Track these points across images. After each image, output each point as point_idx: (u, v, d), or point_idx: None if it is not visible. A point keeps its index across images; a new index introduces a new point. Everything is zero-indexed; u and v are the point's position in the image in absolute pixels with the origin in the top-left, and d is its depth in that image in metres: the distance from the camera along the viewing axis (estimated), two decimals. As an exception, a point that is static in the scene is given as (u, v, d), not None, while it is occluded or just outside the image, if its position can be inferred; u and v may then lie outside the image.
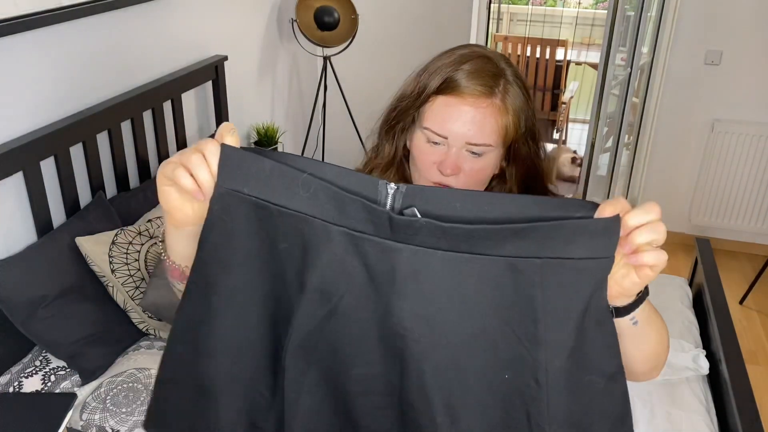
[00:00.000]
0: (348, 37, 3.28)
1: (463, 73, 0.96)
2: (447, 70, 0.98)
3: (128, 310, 1.93)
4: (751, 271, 3.45)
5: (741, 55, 3.27)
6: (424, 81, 1.01)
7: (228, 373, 0.80)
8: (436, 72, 0.99)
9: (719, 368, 1.76)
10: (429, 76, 1.00)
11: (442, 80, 0.97)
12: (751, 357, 2.83)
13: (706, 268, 2.10)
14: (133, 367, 1.82)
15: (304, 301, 0.74)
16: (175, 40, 2.51)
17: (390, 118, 1.09)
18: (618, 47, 2.99)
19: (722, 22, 3.23)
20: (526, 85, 1.01)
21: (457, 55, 0.99)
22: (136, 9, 2.26)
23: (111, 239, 1.94)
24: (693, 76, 3.36)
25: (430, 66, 1.02)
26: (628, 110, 3.42)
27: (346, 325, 0.75)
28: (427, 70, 1.02)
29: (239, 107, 3.08)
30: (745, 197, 3.47)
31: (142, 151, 2.34)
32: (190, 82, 2.54)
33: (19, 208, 1.90)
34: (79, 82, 2.08)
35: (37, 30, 1.88)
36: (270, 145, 3.18)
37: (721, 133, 3.37)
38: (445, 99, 0.97)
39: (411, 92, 1.03)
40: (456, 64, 0.98)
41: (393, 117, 1.08)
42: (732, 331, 1.80)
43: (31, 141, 1.84)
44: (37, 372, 1.81)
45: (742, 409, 1.52)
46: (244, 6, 3.00)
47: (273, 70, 3.36)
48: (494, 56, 1.01)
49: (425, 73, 1.02)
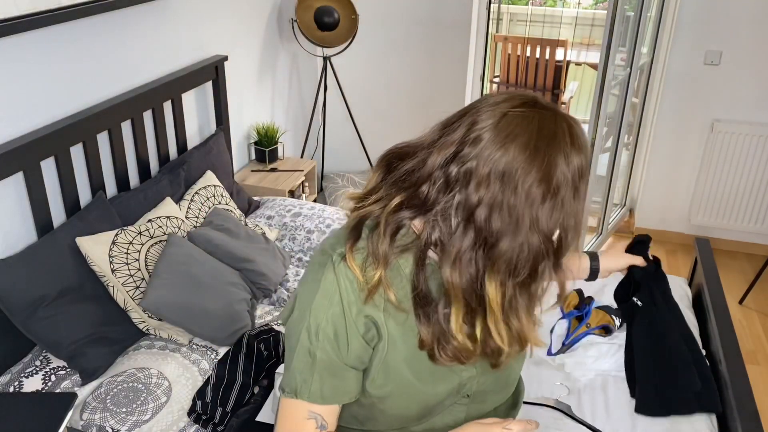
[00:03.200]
0: (348, 37, 3.28)
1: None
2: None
3: (128, 310, 1.93)
4: (751, 271, 3.45)
5: (741, 55, 3.27)
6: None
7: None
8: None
9: (719, 368, 1.76)
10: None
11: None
12: (751, 357, 2.83)
13: (706, 268, 2.10)
14: (134, 366, 1.82)
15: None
16: (175, 40, 2.52)
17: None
18: (618, 47, 2.99)
19: (722, 22, 3.23)
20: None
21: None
22: (136, 9, 2.27)
23: (111, 239, 1.95)
24: (693, 76, 3.36)
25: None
26: (628, 110, 3.42)
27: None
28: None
29: (239, 107, 3.08)
30: (744, 197, 3.47)
31: (142, 151, 2.34)
32: (190, 82, 2.54)
33: (19, 208, 1.90)
34: (79, 82, 2.08)
35: (37, 30, 1.88)
36: (270, 145, 3.18)
37: (720, 133, 3.38)
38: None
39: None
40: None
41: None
42: (731, 331, 1.80)
43: (31, 141, 1.84)
44: (37, 372, 1.81)
45: (741, 409, 1.52)
46: (244, 6, 3.00)
47: (273, 70, 3.37)
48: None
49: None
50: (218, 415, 1.68)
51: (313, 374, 1.02)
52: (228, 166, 2.72)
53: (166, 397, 1.74)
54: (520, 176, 0.89)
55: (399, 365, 1.04)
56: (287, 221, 2.58)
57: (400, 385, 1.05)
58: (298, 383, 1.03)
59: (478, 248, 0.92)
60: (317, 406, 1.03)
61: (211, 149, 2.60)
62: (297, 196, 3.21)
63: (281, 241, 2.51)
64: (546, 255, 0.93)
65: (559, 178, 0.90)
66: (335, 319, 0.99)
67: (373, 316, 1.00)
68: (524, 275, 0.93)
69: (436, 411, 1.13)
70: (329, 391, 1.03)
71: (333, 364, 1.02)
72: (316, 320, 1.00)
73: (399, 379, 1.05)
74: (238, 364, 1.80)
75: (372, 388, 1.06)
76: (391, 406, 1.08)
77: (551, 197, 0.90)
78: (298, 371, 1.03)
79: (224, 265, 2.13)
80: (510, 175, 0.89)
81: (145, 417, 1.67)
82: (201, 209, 2.36)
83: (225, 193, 2.50)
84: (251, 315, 2.07)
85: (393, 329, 1.02)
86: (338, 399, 1.05)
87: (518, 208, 0.89)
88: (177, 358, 1.87)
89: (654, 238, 3.67)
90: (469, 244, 0.92)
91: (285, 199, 2.78)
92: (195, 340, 1.97)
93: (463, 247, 0.92)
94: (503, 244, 0.90)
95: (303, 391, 1.02)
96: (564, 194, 0.91)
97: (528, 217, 0.90)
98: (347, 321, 1.00)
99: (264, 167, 3.19)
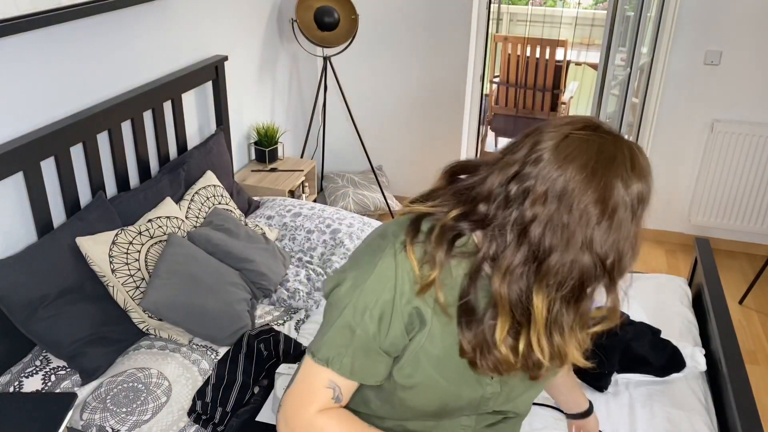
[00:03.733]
0: (348, 37, 3.28)
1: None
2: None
3: (128, 309, 1.93)
4: (751, 271, 3.45)
5: (740, 55, 3.27)
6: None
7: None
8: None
9: (719, 368, 1.76)
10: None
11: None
12: (751, 357, 2.83)
13: (706, 268, 2.10)
14: (134, 366, 1.82)
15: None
16: (175, 40, 2.52)
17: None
18: (618, 47, 2.99)
19: (722, 22, 3.23)
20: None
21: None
22: (136, 9, 2.27)
23: (111, 239, 1.95)
24: (692, 76, 3.36)
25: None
26: (628, 110, 3.42)
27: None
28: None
29: (239, 107, 3.08)
30: (744, 197, 3.47)
31: (142, 151, 2.35)
32: (190, 82, 2.54)
33: (20, 208, 1.90)
34: (79, 82, 2.08)
35: (37, 30, 1.88)
36: (270, 145, 3.18)
37: (720, 133, 3.38)
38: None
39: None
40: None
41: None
42: (731, 331, 1.80)
43: (31, 141, 1.84)
44: (37, 372, 1.81)
45: (741, 408, 1.52)
46: (244, 6, 3.00)
47: (273, 70, 3.37)
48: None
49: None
50: (218, 415, 1.68)
51: (348, 349, 1.05)
52: (228, 166, 2.72)
53: (166, 397, 1.74)
54: (576, 196, 0.91)
55: (431, 360, 1.07)
56: (287, 221, 2.58)
57: (427, 379, 1.08)
58: (331, 354, 1.06)
59: (530, 263, 0.95)
60: (341, 379, 1.07)
61: (211, 149, 2.60)
62: (297, 196, 3.21)
63: (281, 241, 2.51)
64: (596, 275, 0.95)
65: (616, 200, 0.92)
66: (384, 303, 1.03)
67: (421, 308, 1.04)
68: (570, 291, 0.95)
69: (452, 415, 1.16)
70: (359, 369, 1.07)
71: (369, 345, 1.05)
72: (365, 300, 1.03)
73: (427, 374, 1.08)
74: (238, 364, 1.81)
75: (399, 376, 1.09)
76: (412, 397, 1.11)
77: (607, 219, 0.92)
78: (334, 343, 1.06)
79: (224, 265, 2.13)
80: (566, 195, 0.92)
81: (145, 417, 1.67)
82: (201, 209, 2.36)
83: (225, 193, 2.50)
84: (251, 315, 2.07)
85: (435, 326, 1.05)
86: (365, 378, 1.08)
87: (571, 226, 0.92)
88: (177, 358, 1.87)
89: (654, 238, 3.69)
90: (521, 260, 0.95)
91: (285, 199, 2.78)
92: (195, 340, 1.97)
93: (515, 262, 0.95)
94: (552, 259, 0.93)
95: (335, 363, 1.06)
96: (621, 217, 0.93)
97: (581, 236, 0.92)
98: (395, 308, 1.03)
99: (264, 167, 3.19)
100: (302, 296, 2.22)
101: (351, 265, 1.09)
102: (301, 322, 2.13)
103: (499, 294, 0.96)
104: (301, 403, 1.08)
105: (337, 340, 1.06)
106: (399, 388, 1.10)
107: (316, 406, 1.07)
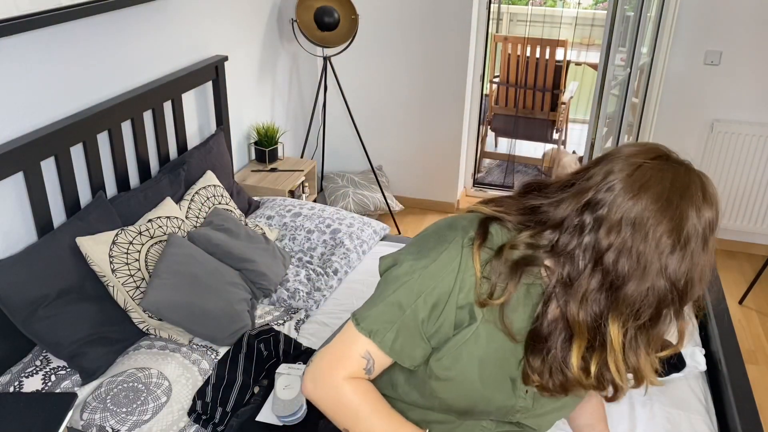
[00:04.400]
0: (348, 37, 3.28)
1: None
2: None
3: (129, 309, 1.93)
4: (751, 271, 3.45)
5: (740, 55, 3.27)
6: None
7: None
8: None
9: (719, 368, 1.76)
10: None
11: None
12: (751, 356, 2.83)
13: (706, 268, 2.10)
14: (134, 366, 1.82)
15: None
16: (175, 40, 2.52)
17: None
18: (617, 47, 2.99)
19: (722, 22, 3.23)
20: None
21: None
22: (136, 9, 2.27)
23: (111, 239, 1.95)
24: (692, 76, 3.37)
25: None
26: (628, 110, 3.42)
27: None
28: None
29: (239, 107, 3.08)
30: (744, 197, 3.48)
31: (142, 151, 2.35)
32: (190, 82, 2.54)
33: (20, 208, 1.90)
34: (79, 82, 2.08)
35: (37, 30, 1.88)
36: (270, 145, 3.18)
37: (720, 133, 3.38)
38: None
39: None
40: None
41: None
42: (731, 331, 1.80)
43: (31, 141, 1.84)
44: (37, 372, 1.81)
45: (741, 408, 1.52)
46: (244, 6, 3.01)
47: (273, 70, 3.37)
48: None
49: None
50: (218, 415, 1.68)
51: (393, 325, 1.08)
52: (228, 166, 2.72)
53: (166, 397, 1.74)
54: (651, 225, 0.94)
55: (472, 360, 1.08)
56: (287, 221, 2.58)
57: (463, 376, 1.10)
58: (376, 327, 1.09)
59: (605, 290, 0.97)
60: (379, 353, 1.09)
61: (211, 149, 2.60)
62: (297, 196, 3.21)
63: (281, 241, 2.51)
64: (671, 302, 0.97)
65: (690, 230, 0.95)
66: (441, 292, 1.05)
67: (474, 307, 1.06)
68: (646, 318, 0.98)
69: (478, 417, 1.18)
70: (399, 348, 1.09)
71: (415, 328, 1.07)
72: (423, 284, 1.05)
73: (464, 371, 1.09)
74: (238, 364, 1.81)
75: (436, 366, 1.11)
76: (445, 389, 1.12)
77: (681, 248, 0.95)
78: (381, 317, 1.08)
79: (224, 265, 2.13)
80: (641, 223, 0.94)
81: (145, 417, 1.67)
82: (201, 209, 2.36)
83: (225, 193, 2.50)
84: (251, 315, 2.07)
85: (483, 327, 1.07)
86: (402, 358, 1.10)
87: (647, 255, 0.94)
88: (177, 358, 1.87)
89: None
90: (596, 286, 0.97)
91: (285, 199, 2.78)
92: (195, 340, 1.97)
93: (590, 288, 0.97)
94: (629, 287, 0.95)
95: (377, 335, 1.09)
96: (694, 246, 0.95)
97: (656, 265, 0.95)
98: (450, 300, 1.05)
99: (264, 167, 3.19)
100: (302, 296, 2.22)
101: (413, 249, 1.10)
102: (301, 322, 2.13)
103: (576, 319, 0.99)
104: (334, 365, 1.11)
105: (385, 315, 1.08)
106: (434, 377, 1.12)
107: (346, 371, 1.10)
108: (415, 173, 3.92)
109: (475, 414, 1.17)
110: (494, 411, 1.15)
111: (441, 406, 1.17)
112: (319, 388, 1.12)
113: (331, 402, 1.11)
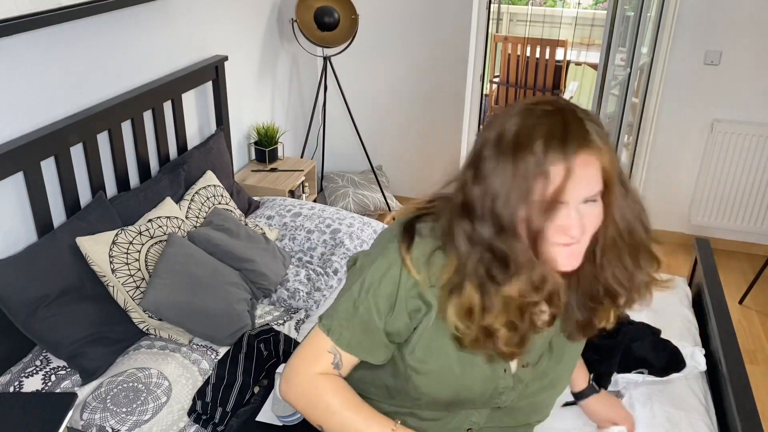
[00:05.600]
0: (348, 37, 3.28)
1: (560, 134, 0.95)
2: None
3: (129, 309, 1.93)
4: (751, 271, 3.45)
5: (740, 55, 3.27)
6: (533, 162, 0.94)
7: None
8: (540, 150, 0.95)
9: (719, 368, 1.76)
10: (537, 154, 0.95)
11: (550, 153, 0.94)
12: (751, 357, 2.83)
13: (706, 268, 2.10)
14: (134, 366, 1.82)
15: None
16: (175, 40, 2.52)
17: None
18: (617, 47, 3.00)
19: (722, 22, 3.23)
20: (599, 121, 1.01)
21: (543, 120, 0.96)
22: (136, 9, 2.27)
23: (111, 239, 1.95)
24: (692, 76, 3.37)
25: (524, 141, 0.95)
26: (628, 110, 3.42)
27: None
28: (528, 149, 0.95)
29: (239, 107, 3.08)
30: (744, 197, 3.48)
31: (142, 151, 2.35)
32: (190, 82, 2.54)
33: (20, 208, 1.90)
34: (79, 82, 2.08)
35: (37, 30, 1.88)
36: (270, 145, 3.18)
37: (720, 133, 3.38)
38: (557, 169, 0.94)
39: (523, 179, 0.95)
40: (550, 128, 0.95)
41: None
42: (731, 331, 1.80)
43: (31, 141, 1.85)
44: (37, 372, 1.81)
45: (741, 408, 1.52)
46: (244, 6, 3.00)
47: (273, 70, 3.37)
48: (564, 105, 1.00)
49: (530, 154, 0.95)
50: (218, 415, 1.68)
51: (349, 323, 1.11)
52: (228, 166, 2.72)
53: (166, 397, 1.74)
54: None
55: (442, 346, 1.10)
56: (287, 221, 2.58)
57: (439, 364, 1.11)
58: (334, 325, 1.13)
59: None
60: (340, 348, 1.14)
61: (211, 149, 2.60)
62: (297, 196, 3.21)
63: (281, 241, 2.51)
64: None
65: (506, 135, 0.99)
66: (389, 284, 1.07)
67: (426, 295, 1.07)
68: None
69: (464, 406, 1.19)
70: (356, 344, 1.12)
71: (371, 323, 1.10)
72: (372, 279, 1.09)
73: (439, 361, 1.11)
74: (238, 364, 1.81)
75: (412, 360, 1.12)
76: (426, 384, 1.14)
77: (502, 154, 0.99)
78: (338, 315, 1.13)
79: (224, 265, 2.13)
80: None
81: (145, 417, 1.67)
82: (201, 209, 2.36)
83: (225, 193, 2.50)
84: (251, 315, 2.07)
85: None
86: (362, 355, 1.14)
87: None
88: (177, 358, 1.87)
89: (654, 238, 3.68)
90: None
91: (285, 199, 2.78)
92: (195, 340, 1.97)
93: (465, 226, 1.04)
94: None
95: (334, 333, 1.12)
96: (505, 149, 0.98)
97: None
98: (400, 290, 1.07)
99: (264, 167, 3.19)
100: (302, 296, 2.22)
101: (372, 245, 1.15)
102: (301, 322, 2.13)
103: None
104: (305, 362, 1.15)
105: (342, 313, 1.12)
106: (414, 372, 1.13)
107: (318, 367, 1.14)
108: (415, 173, 3.92)
109: (461, 404, 1.18)
110: (478, 398, 1.16)
111: (427, 402, 1.18)
112: (292, 387, 1.15)
113: (304, 399, 1.14)
